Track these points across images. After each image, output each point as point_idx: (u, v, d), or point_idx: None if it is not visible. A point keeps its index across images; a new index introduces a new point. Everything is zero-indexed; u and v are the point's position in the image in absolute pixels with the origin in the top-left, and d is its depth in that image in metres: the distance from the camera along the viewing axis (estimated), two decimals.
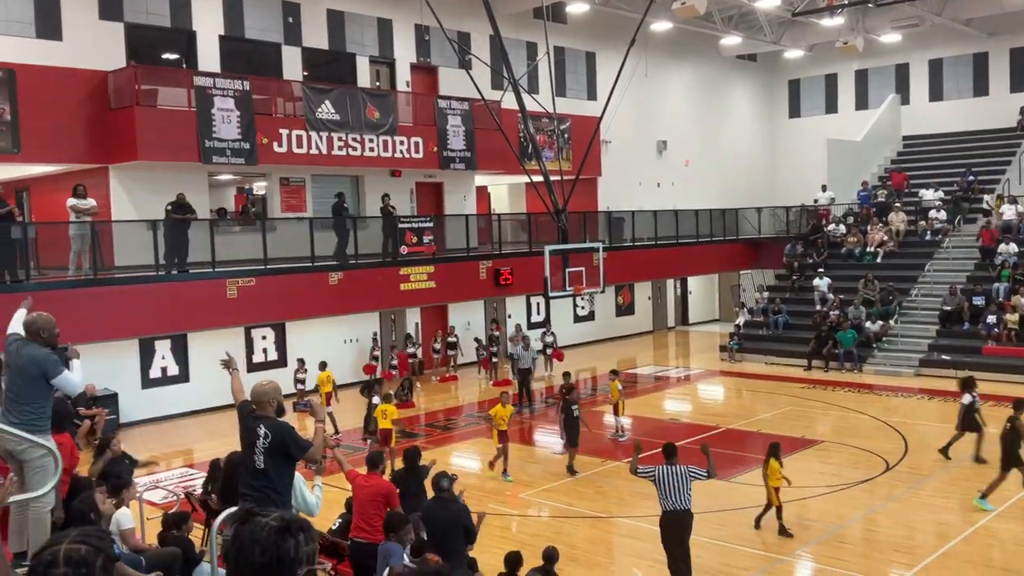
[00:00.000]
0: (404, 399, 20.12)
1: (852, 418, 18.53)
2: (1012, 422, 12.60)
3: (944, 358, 22.56)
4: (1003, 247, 24.80)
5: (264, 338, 21.89)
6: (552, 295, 20.55)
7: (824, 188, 31.28)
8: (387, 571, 7.51)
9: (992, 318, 22.55)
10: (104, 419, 17.32)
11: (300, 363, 20.51)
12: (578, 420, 14.85)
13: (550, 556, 8.46)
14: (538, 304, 28.07)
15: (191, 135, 19.16)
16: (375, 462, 9.25)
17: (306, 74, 23.21)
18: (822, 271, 27.72)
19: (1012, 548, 11.34)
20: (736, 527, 11.92)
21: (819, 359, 24.06)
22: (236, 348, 19.51)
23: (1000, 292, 23.41)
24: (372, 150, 22.46)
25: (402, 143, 23.12)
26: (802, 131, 37.11)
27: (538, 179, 21.72)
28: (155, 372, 20.05)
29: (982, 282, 24.21)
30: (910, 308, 24.96)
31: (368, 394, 16.75)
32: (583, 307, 29.71)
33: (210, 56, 21.33)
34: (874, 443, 16.14)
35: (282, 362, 21.86)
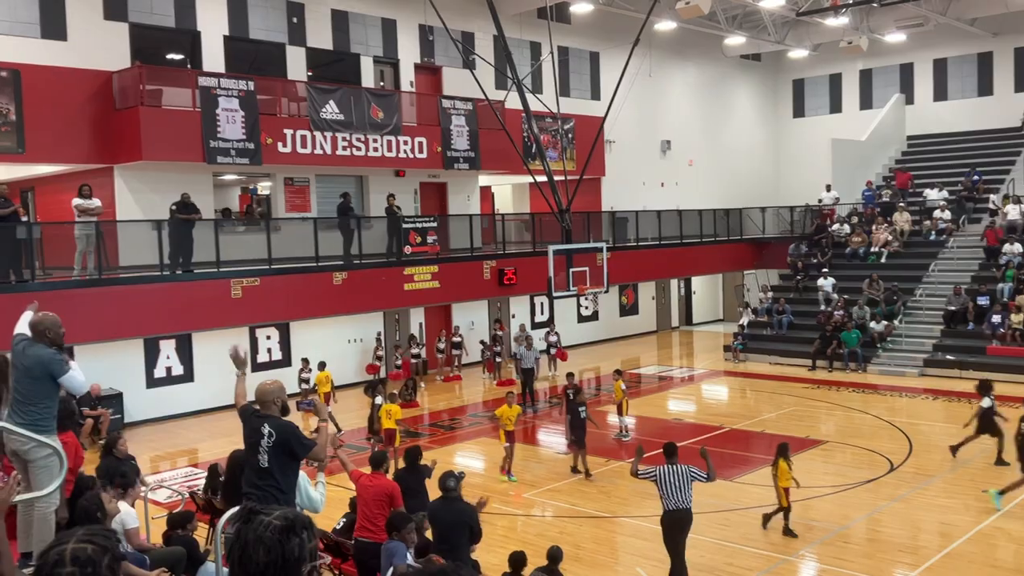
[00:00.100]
0: (408, 399, 20.13)
1: (856, 418, 18.51)
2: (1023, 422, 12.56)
3: (949, 358, 22.53)
4: (1008, 247, 24.74)
5: (268, 338, 21.94)
6: (556, 295, 20.58)
7: (828, 188, 31.23)
8: (391, 570, 7.51)
9: (997, 318, 22.52)
10: (109, 419, 17.44)
11: (304, 363, 20.62)
12: (585, 421, 14.86)
13: (554, 556, 8.46)
14: (542, 304, 28.08)
15: (196, 135, 19.20)
16: (379, 462, 9.26)
17: (310, 74, 23.23)
18: (826, 271, 27.65)
19: (1017, 548, 11.31)
20: (740, 527, 11.92)
21: (823, 359, 24.03)
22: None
23: (1005, 292, 23.35)
24: (376, 150, 22.47)
25: (406, 143, 23.13)
26: (806, 131, 37.06)
27: (542, 179, 21.74)
28: (160, 372, 20.09)
29: (987, 282, 24.18)
30: (914, 308, 24.89)
31: (372, 394, 16.78)
32: (587, 307, 29.67)
33: (215, 56, 21.37)
34: (878, 443, 16.12)
35: (286, 362, 21.92)
